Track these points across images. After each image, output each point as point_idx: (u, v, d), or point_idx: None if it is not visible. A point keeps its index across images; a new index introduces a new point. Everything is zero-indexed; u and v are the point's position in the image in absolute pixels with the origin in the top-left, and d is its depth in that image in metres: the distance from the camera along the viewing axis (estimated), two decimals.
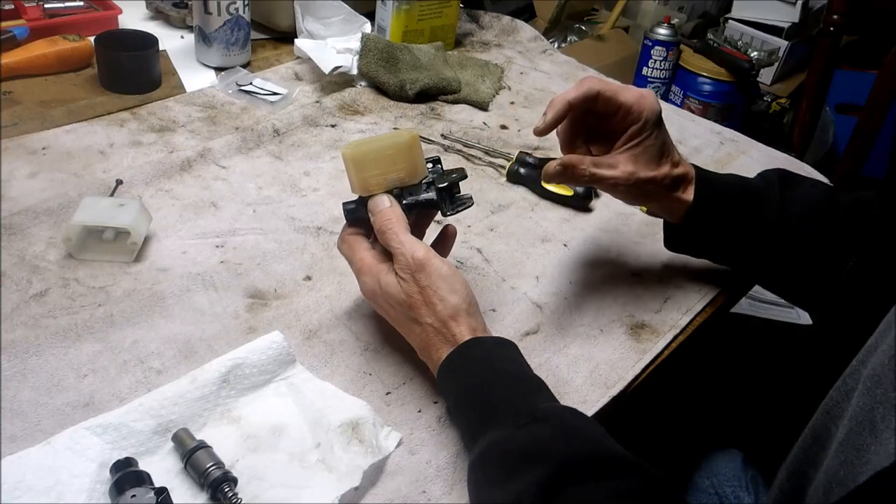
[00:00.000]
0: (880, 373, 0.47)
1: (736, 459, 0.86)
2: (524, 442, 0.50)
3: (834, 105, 2.04)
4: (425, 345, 0.59)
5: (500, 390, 0.55)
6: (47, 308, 0.65)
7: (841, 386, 0.52)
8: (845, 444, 0.48)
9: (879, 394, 0.46)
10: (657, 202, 0.71)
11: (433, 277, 0.58)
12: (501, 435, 0.51)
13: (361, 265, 0.62)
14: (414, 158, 0.62)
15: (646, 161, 0.67)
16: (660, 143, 0.67)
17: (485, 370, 0.56)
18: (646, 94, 0.66)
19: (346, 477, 0.53)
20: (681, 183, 0.69)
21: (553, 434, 0.51)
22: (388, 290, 0.60)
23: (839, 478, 0.48)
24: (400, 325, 0.62)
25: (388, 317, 0.63)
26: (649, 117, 0.65)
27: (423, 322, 0.58)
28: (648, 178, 0.67)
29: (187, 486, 0.53)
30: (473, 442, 0.54)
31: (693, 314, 0.75)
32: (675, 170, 0.68)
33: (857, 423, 0.48)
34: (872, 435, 0.46)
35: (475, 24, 1.34)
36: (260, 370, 0.60)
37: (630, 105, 0.65)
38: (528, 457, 0.49)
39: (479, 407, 0.55)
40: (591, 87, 0.65)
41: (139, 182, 0.81)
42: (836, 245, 0.69)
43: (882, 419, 0.45)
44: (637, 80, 1.95)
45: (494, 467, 0.51)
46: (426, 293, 0.58)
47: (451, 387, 0.58)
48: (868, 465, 0.45)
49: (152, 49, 0.98)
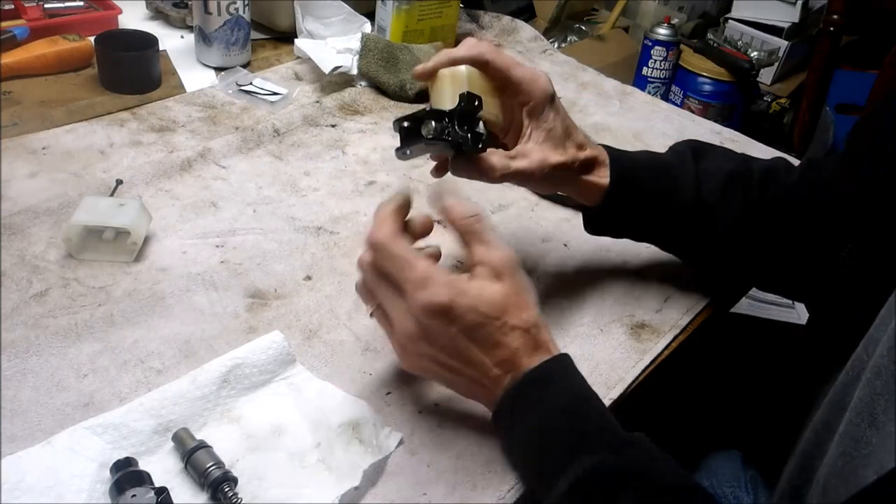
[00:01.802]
0: (880, 364, 0.47)
1: (735, 460, 0.86)
2: (625, 469, 0.50)
3: (834, 105, 2.04)
4: (511, 354, 0.54)
5: (591, 412, 0.54)
6: (47, 308, 0.65)
7: (851, 379, 0.52)
8: (844, 436, 0.48)
9: (879, 385, 0.46)
10: (570, 188, 0.69)
11: (524, 279, 0.55)
12: (598, 460, 0.50)
13: (427, 275, 0.51)
14: (499, 103, 0.63)
15: (552, 146, 0.65)
16: (561, 126, 0.65)
17: (577, 388, 0.55)
18: (539, 74, 0.64)
19: (346, 477, 0.53)
20: (592, 166, 0.68)
21: (652, 457, 0.51)
22: (480, 295, 0.52)
23: (837, 469, 0.48)
24: (475, 342, 0.53)
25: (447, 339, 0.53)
26: (540, 97, 0.63)
27: (514, 327, 0.53)
28: (559, 164, 0.65)
29: (187, 485, 0.53)
30: (563, 459, 0.51)
31: (693, 314, 0.75)
32: (582, 152, 0.67)
33: (857, 414, 0.47)
34: (873, 427, 0.45)
35: (475, 24, 1.34)
36: (260, 370, 0.60)
37: (520, 82, 0.63)
38: (629, 485, 0.49)
39: (573, 424, 0.53)
40: (482, 52, 0.63)
41: (139, 182, 0.82)
42: (752, 216, 0.69)
43: (884, 412, 0.45)
44: (637, 80, 1.95)
45: (597, 496, 0.50)
46: (521, 296, 0.54)
47: (540, 401, 0.53)
48: (870, 458, 0.45)
49: (152, 49, 0.98)
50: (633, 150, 0.73)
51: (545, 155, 0.64)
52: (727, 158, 0.72)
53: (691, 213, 0.69)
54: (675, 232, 0.71)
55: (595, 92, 1.17)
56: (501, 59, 0.63)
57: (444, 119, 0.59)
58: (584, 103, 1.13)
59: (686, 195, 0.69)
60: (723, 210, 0.69)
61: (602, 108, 1.12)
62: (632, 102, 1.15)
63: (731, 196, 0.69)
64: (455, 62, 0.62)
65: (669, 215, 0.70)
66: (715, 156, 0.72)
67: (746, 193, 0.69)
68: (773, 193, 0.70)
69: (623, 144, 1.03)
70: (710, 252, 0.72)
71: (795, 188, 0.70)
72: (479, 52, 0.63)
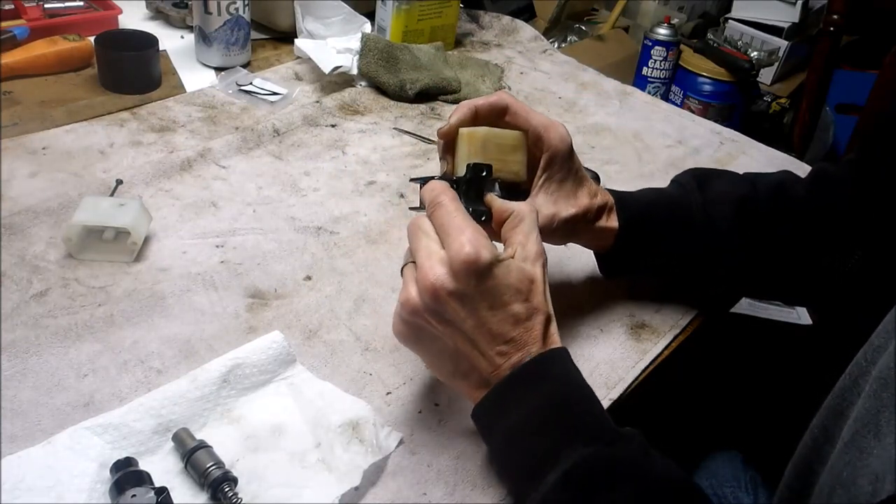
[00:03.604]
0: (886, 375, 0.47)
1: (735, 460, 0.86)
2: (619, 460, 0.50)
3: (834, 105, 2.04)
4: (526, 335, 0.53)
5: (588, 405, 0.54)
6: (47, 308, 0.65)
7: (849, 384, 0.52)
8: (850, 445, 0.48)
9: (886, 397, 0.46)
10: (584, 237, 0.69)
11: (543, 274, 0.55)
12: (591, 451, 0.50)
13: (478, 233, 0.51)
14: (524, 157, 0.62)
15: (564, 197, 0.64)
16: (574, 177, 0.65)
17: (574, 381, 0.55)
18: (557, 124, 0.63)
19: (346, 477, 0.53)
20: (603, 212, 0.67)
21: (645, 451, 0.51)
22: (518, 268, 0.53)
23: (842, 479, 0.48)
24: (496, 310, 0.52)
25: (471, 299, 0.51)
26: (558, 146, 0.63)
27: (537, 309, 0.53)
28: (571, 216, 0.64)
29: (187, 485, 0.53)
30: (554, 450, 0.51)
31: (693, 314, 0.75)
32: (595, 200, 0.66)
33: (863, 425, 0.47)
34: (876, 438, 0.46)
35: (475, 24, 1.34)
36: (260, 370, 0.60)
37: (538, 130, 0.63)
38: (624, 476, 0.49)
39: (569, 414, 0.53)
40: (502, 98, 0.63)
41: (139, 182, 0.82)
42: (765, 238, 0.69)
43: (887, 423, 0.45)
44: (637, 80, 1.95)
45: (591, 486, 0.49)
46: (547, 288, 0.55)
47: (538, 389, 0.53)
48: (868, 469, 0.45)
49: (152, 49, 0.98)
50: (633, 150, 0.73)
51: (556, 209, 0.64)
52: (732, 183, 0.71)
53: (704, 245, 0.69)
54: (690, 263, 0.71)
55: (595, 92, 1.17)
56: (520, 106, 0.63)
57: (454, 186, 0.59)
58: (584, 103, 1.13)
59: (697, 227, 0.68)
60: (736, 237, 0.68)
61: (602, 108, 1.12)
62: (632, 102, 1.16)
63: (742, 221, 0.68)
64: (475, 111, 0.62)
65: (682, 249, 0.69)
66: (721, 182, 0.71)
67: (757, 215, 0.69)
68: (783, 208, 0.69)
69: (623, 144, 1.04)
70: (725, 277, 0.71)
71: (805, 201, 0.70)
72: (498, 97, 0.63)
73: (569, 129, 0.65)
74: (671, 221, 0.69)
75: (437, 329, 0.53)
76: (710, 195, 0.69)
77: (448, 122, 0.63)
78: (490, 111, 0.63)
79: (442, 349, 0.54)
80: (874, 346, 0.51)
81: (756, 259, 0.69)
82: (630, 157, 1.01)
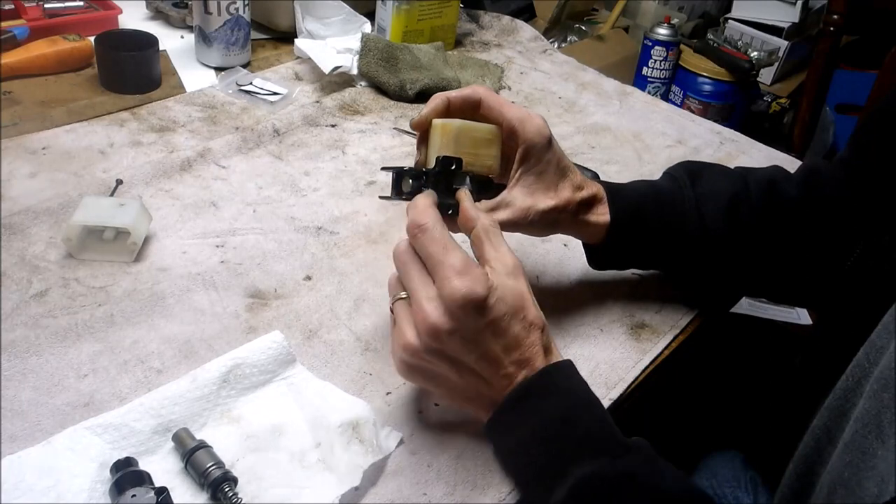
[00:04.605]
0: (887, 376, 0.47)
1: (735, 460, 0.86)
2: (625, 474, 0.50)
3: (834, 105, 2.04)
4: (529, 352, 0.54)
5: (593, 418, 0.54)
6: (47, 308, 0.65)
7: (852, 385, 0.52)
8: (851, 446, 0.48)
9: (886, 398, 0.46)
10: (568, 229, 0.68)
11: (527, 283, 0.55)
12: (598, 466, 0.50)
13: (468, 263, 0.51)
14: (497, 151, 0.62)
15: (542, 190, 0.63)
16: (554, 168, 0.63)
17: (580, 394, 0.55)
18: (533, 116, 0.62)
19: (346, 477, 0.53)
20: (591, 205, 0.67)
21: (652, 462, 0.51)
22: (506, 285, 0.53)
23: (843, 479, 0.48)
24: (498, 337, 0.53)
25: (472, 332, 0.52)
26: (534, 139, 0.62)
27: (532, 323, 0.54)
28: (550, 208, 0.63)
29: (187, 485, 0.53)
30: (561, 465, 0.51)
31: (693, 314, 0.75)
32: (579, 193, 0.65)
33: (864, 425, 0.47)
34: (879, 440, 0.45)
35: (475, 24, 1.34)
36: (260, 370, 0.60)
37: (513, 123, 0.62)
38: (630, 491, 0.49)
39: (574, 429, 0.53)
40: (476, 91, 0.62)
41: (139, 182, 0.82)
42: (757, 235, 0.69)
43: (889, 424, 0.45)
44: (637, 80, 1.96)
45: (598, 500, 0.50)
46: (532, 297, 0.55)
47: (544, 405, 0.53)
48: (874, 471, 0.45)
49: (152, 49, 0.98)
50: (633, 150, 0.73)
51: (533, 201, 0.63)
52: (724, 177, 0.71)
53: (695, 242, 0.69)
54: (680, 260, 0.71)
55: (595, 92, 1.17)
56: (494, 99, 0.62)
57: (423, 178, 0.59)
58: (584, 103, 1.13)
59: (689, 224, 0.68)
60: (727, 235, 0.68)
61: (602, 108, 1.12)
62: (632, 102, 1.16)
63: (734, 219, 0.68)
64: (448, 103, 0.62)
65: (673, 246, 0.69)
66: (712, 177, 0.71)
67: (749, 213, 0.69)
68: (775, 208, 0.69)
69: (623, 144, 1.04)
70: (717, 275, 0.71)
71: (798, 199, 0.70)
72: (472, 90, 0.63)
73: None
74: (662, 217, 0.69)
75: (441, 367, 0.53)
76: (701, 190, 0.69)
77: (420, 113, 0.62)
78: (463, 103, 0.63)
79: (446, 382, 0.55)
80: (876, 346, 0.50)
81: (748, 256, 0.69)
82: (630, 157, 1.01)
